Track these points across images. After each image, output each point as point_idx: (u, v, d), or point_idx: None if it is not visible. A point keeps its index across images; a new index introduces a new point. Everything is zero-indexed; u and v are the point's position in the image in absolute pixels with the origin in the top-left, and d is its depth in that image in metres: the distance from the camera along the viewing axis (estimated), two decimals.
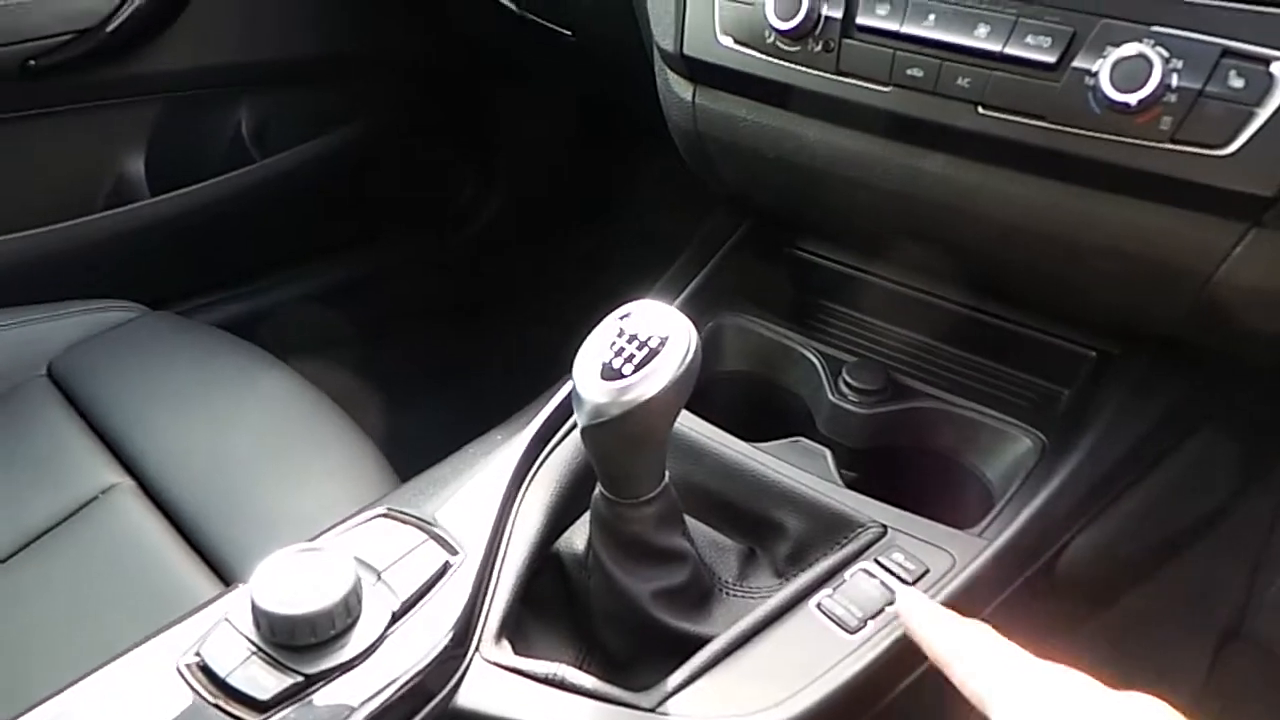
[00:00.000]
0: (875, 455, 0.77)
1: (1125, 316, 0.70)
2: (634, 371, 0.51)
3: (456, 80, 1.52)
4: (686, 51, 0.73)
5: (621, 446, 0.54)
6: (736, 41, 0.69)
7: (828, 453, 0.73)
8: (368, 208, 1.53)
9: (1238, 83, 0.52)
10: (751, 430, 0.76)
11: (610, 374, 0.52)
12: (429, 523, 0.61)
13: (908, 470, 0.77)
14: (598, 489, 0.59)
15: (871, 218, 0.76)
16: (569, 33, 0.98)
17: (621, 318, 0.54)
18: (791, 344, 0.82)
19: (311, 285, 1.46)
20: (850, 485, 0.72)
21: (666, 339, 0.52)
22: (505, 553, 0.61)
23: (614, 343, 0.53)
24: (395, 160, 1.53)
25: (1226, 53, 0.52)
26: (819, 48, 0.65)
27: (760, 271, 0.90)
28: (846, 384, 0.77)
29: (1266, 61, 0.52)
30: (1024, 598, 0.66)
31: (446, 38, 1.40)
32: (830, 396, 0.77)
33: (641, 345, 0.52)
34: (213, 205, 1.35)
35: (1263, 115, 0.52)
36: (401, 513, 0.61)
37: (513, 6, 1.02)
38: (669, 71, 0.78)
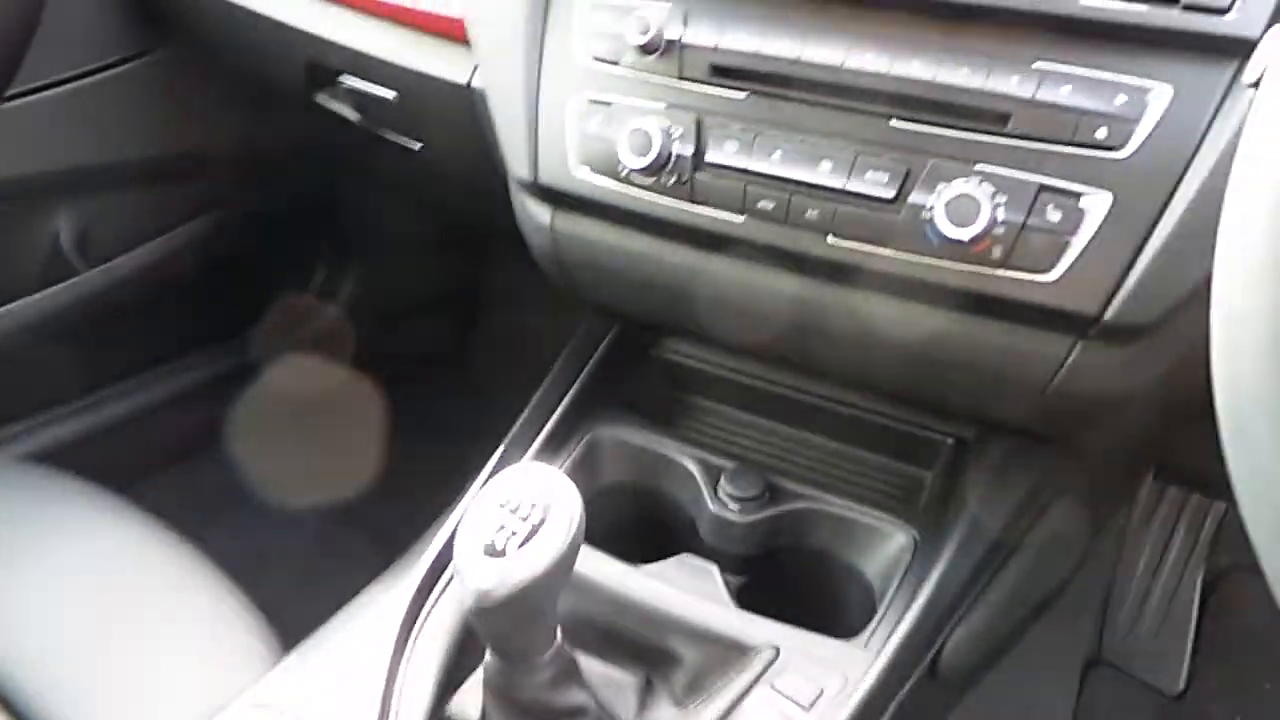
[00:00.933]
0: (761, 559, 0.78)
1: (977, 413, 0.75)
2: (519, 548, 0.50)
3: (303, 172, 1.46)
4: (542, 180, 0.73)
5: (512, 624, 0.53)
6: (593, 171, 0.70)
7: (714, 568, 0.73)
8: (207, 310, 1.44)
9: (1055, 215, 0.57)
10: (636, 543, 0.76)
11: (494, 552, 0.50)
12: (309, 712, 0.57)
13: (793, 572, 0.79)
14: (489, 655, 0.57)
15: (734, 330, 0.78)
16: (418, 145, 0.96)
17: (501, 487, 0.53)
18: (668, 452, 0.83)
19: (149, 400, 1.35)
20: (739, 593, 0.73)
21: (549, 508, 0.51)
22: None
23: (495, 517, 0.51)
24: (239, 256, 1.46)
25: (1043, 188, 0.57)
26: (673, 181, 0.67)
27: (633, 376, 0.91)
28: (726, 492, 0.78)
29: (1077, 196, 0.57)
30: (913, 693, 0.68)
31: (290, 137, 1.35)
32: (710, 506, 0.78)
33: (524, 518, 0.51)
34: (33, 325, 1.23)
35: (1078, 244, 0.57)
36: (278, 703, 0.57)
37: (355, 118, 0.99)
38: (525, 195, 0.78)
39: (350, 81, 0.94)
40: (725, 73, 0.65)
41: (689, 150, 0.65)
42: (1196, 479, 1.05)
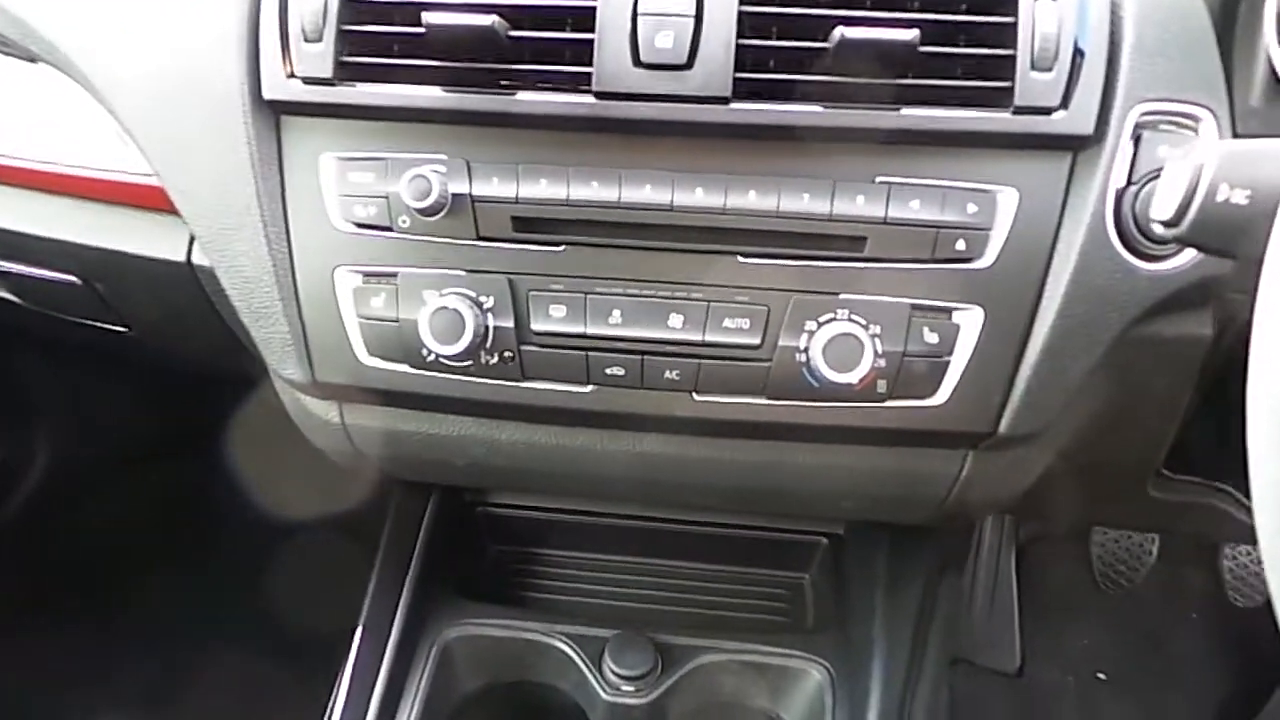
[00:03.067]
0: None
1: (864, 520, 0.71)
2: None
3: None
4: (321, 378, 0.58)
5: None
6: (388, 360, 0.56)
7: None
8: None
9: (932, 338, 0.52)
10: None
11: None
12: None
13: None
14: None
15: (583, 493, 0.68)
16: (125, 329, 0.75)
17: None
18: (534, 635, 0.71)
19: None
20: None
21: None
22: None
23: None
24: None
25: (915, 308, 0.52)
26: (495, 360, 0.55)
27: (467, 544, 0.78)
28: (614, 672, 0.68)
29: (949, 312, 0.53)
30: None
31: None
32: (603, 694, 0.68)
33: None
34: None
35: (959, 363, 0.53)
36: None
37: (18, 301, 0.75)
38: (298, 392, 0.62)
39: (2, 265, 0.71)
40: (533, 225, 0.54)
41: (509, 322, 0.54)
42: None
